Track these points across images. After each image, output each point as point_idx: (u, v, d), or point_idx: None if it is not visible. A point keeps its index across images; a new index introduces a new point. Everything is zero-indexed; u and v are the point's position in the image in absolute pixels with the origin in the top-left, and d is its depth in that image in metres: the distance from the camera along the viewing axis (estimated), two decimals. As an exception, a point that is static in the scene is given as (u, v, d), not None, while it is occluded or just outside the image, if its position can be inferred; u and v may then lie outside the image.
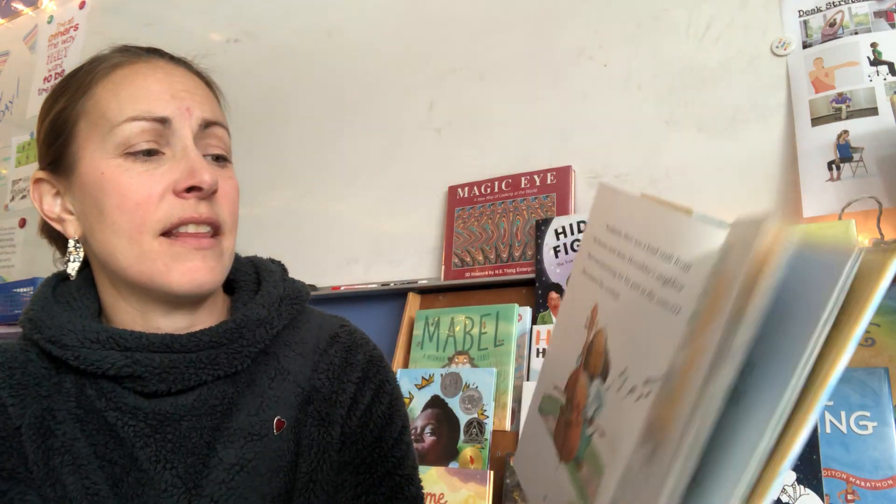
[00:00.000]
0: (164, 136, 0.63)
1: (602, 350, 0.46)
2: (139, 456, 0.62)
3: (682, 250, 0.41)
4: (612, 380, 0.44)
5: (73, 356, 0.61)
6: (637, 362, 0.42)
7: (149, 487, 0.61)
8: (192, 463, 0.63)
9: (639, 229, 0.46)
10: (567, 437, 0.48)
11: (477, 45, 1.47)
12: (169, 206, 0.61)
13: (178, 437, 0.63)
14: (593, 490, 0.42)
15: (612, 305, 0.46)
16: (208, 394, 0.65)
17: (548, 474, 0.50)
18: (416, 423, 1.28)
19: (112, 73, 0.65)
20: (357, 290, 1.52)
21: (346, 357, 0.73)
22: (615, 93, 1.28)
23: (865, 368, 0.88)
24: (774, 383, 0.31)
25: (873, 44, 1.04)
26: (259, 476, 0.64)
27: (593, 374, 0.46)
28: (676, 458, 0.31)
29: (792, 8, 1.13)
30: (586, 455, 0.44)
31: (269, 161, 1.76)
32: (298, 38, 1.78)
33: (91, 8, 2.35)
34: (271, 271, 0.75)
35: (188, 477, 0.62)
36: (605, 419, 0.43)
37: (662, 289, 0.41)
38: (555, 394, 0.51)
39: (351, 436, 0.70)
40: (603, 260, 0.49)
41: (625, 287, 0.45)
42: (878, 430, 0.84)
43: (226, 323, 0.65)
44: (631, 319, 0.44)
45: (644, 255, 0.44)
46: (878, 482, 0.83)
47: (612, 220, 0.49)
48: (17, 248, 2.30)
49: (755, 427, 0.31)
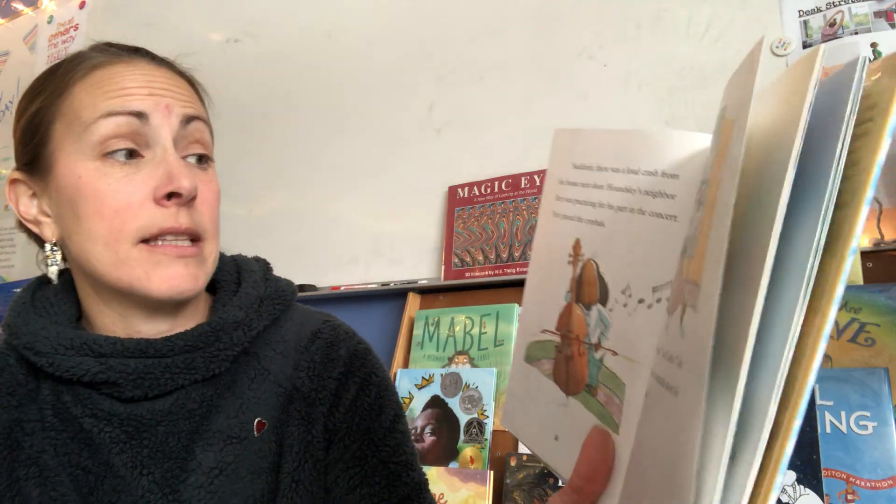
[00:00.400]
0: (142, 136, 0.61)
1: (594, 278, 0.48)
2: (115, 462, 0.61)
3: (663, 163, 0.44)
4: (613, 301, 0.46)
5: (48, 363, 0.61)
6: (639, 276, 0.44)
7: (125, 494, 0.61)
8: (170, 468, 0.62)
9: (612, 157, 0.48)
10: (571, 370, 0.49)
11: (477, 46, 1.47)
12: (149, 215, 0.60)
13: (154, 442, 0.62)
14: (618, 405, 0.43)
15: (598, 234, 0.48)
16: (186, 397, 0.64)
17: (555, 414, 0.50)
18: (416, 423, 1.28)
19: (90, 74, 0.63)
20: (357, 290, 1.52)
21: (328, 353, 0.71)
22: (615, 93, 1.28)
23: (865, 368, 0.88)
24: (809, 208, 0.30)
25: (873, 44, 1.04)
26: (240, 479, 0.63)
27: (589, 303, 0.48)
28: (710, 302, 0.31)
29: (792, 8, 1.13)
30: (600, 378, 0.46)
31: (269, 161, 1.76)
32: (298, 38, 1.78)
33: (91, 8, 2.35)
34: (252, 271, 0.74)
35: (165, 482, 0.61)
36: (615, 338, 0.45)
37: (654, 201, 0.44)
38: (544, 337, 0.52)
39: (337, 432, 0.69)
40: (576, 197, 0.51)
41: (610, 213, 0.47)
42: (878, 430, 0.84)
43: (201, 326, 0.64)
44: (624, 240, 0.46)
45: (624, 178, 0.46)
46: (878, 482, 0.83)
47: (577, 159, 0.51)
48: (17, 248, 2.30)
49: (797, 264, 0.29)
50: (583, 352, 0.48)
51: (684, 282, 0.36)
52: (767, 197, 0.30)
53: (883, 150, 0.28)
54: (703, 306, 0.31)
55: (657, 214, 0.44)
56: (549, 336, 0.52)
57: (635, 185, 0.46)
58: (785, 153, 0.29)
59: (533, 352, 0.53)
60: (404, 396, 1.30)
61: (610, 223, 0.47)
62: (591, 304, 0.48)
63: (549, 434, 0.50)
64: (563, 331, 0.50)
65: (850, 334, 0.92)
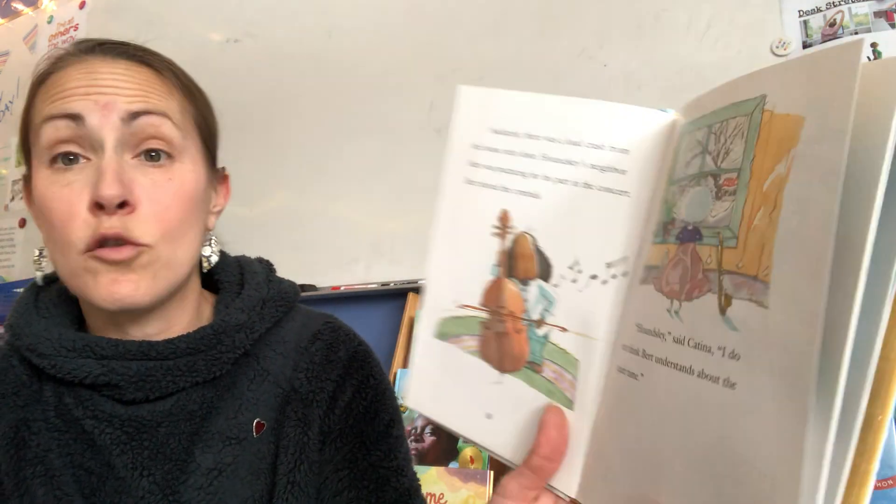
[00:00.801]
0: (84, 139, 0.58)
1: (531, 252, 0.46)
2: (116, 463, 0.61)
3: (611, 137, 0.43)
4: (559, 277, 0.44)
5: (50, 365, 0.61)
6: (589, 251, 0.43)
7: (126, 496, 0.60)
8: (170, 469, 0.62)
9: (547, 125, 0.45)
10: (505, 347, 0.47)
11: (477, 46, 1.47)
12: (84, 225, 0.57)
13: (155, 444, 0.62)
14: (570, 381, 0.43)
15: (532, 207, 0.46)
16: (186, 399, 0.63)
17: (486, 392, 0.48)
18: (416, 422, 1.28)
19: (49, 77, 0.62)
20: (357, 290, 1.52)
21: (327, 355, 0.71)
22: (615, 93, 1.28)
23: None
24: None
25: (873, 44, 1.04)
26: (239, 480, 0.63)
27: (526, 278, 0.46)
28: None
29: (792, 8, 1.13)
30: (545, 355, 0.45)
31: (269, 161, 1.76)
32: (298, 38, 1.78)
33: (91, 8, 2.35)
34: (255, 272, 0.73)
35: (165, 483, 0.61)
36: (563, 315, 0.44)
37: (602, 175, 0.43)
38: (462, 312, 0.49)
39: (330, 434, 0.68)
40: (498, 164, 0.48)
41: (547, 185, 0.45)
42: (879, 430, 0.84)
43: (203, 329, 0.64)
44: (569, 214, 0.44)
45: (565, 149, 0.44)
46: (878, 482, 0.83)
47: (496, 123, 0.48)
48: (17, 248, 2.30)
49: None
50: (520, 328, 0.46)
51: (716, 271, 0.35)
52: (849, 199, 0.29)
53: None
54: (783, 306, 0.31)
55: (606, 189, 0.43)
56: (470, 311, 0.49)
57: (578, 158, 0.44)
58: (873, 159, 0.29)
59: (448, 328, 0.50)
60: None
61: (548, 196, 0.45)
62: (528, 280, 0.46)
63: (479, 412, 0.48)
64: (493, 306, 0.48)
65: (850, 334, 0.92)
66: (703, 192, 0.38)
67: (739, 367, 0.33)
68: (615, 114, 0.44)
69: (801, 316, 0.30)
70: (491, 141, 0.49)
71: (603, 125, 0.44)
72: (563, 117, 0.45)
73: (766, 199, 0.33)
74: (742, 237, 0.34)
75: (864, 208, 0.29)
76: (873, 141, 0.29)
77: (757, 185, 0.34)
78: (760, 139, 0.34)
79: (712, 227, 0.36)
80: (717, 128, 0.39)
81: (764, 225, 0.33)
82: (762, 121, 0.35)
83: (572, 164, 0.44)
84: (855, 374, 0.29)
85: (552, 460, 0.44)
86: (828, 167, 0.30)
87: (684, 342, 0.37)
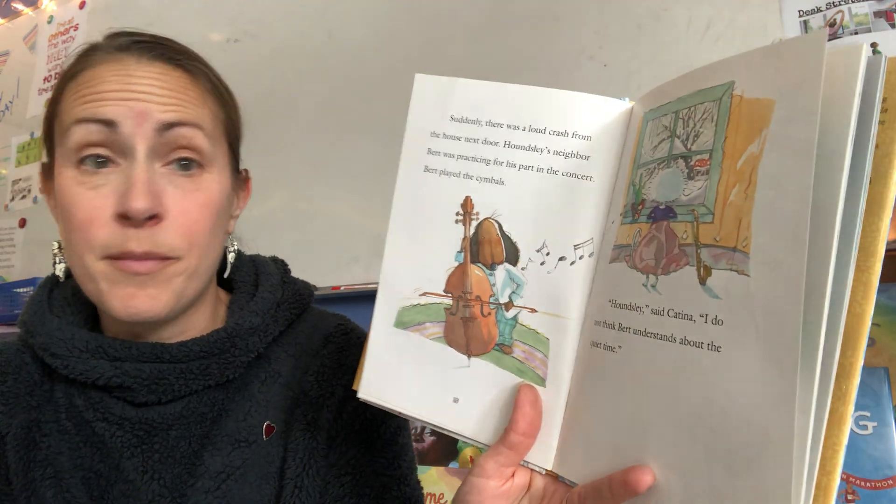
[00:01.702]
0: (116, 143, 0.57)
1: (497, 237, 0.47)
2: (126, 466, 0.61)
3: (573, 124, 0.45)
4: (527, 260, 0.46)
5: (63, 365, 0.60)
6: (556, 234, 0.45)
7: (134, 499, 0.60)
8: (179, 473, 0.61)
9: (509, 113, 0.47)
10: (472, 332, 0.48)
11: (477, 46, 1.47)
12: (112, 233, 0.56)
13: (165, 447, 0.62)
14: (541, 360, 0.45)
15: (496, 193, 0.47)
16: (198, 401, 0.63)
17: (454, 377, 0.49)
18: (416, 423, 1.28)
19: (80, 74, 0.60)
20: (357, 289, 1.52)
21: (339, 359, 0.70)
22: (615, 93, 1.28)
23: (865, 368, 0.87)
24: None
25: (873, 44, 1.04)
26: (248, 483, 0.63)
27: (493, 263, 0.47)
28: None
29: (792, 8, 1.13)
30: (515, 336, 0.47)
31: (269, 161, 1.76)
32: (298, 38, 1.78)
33: (91, 8, 2.35)
34: (270, 274, 0.72)
35: (174, 487, 0.61)
36: (533, 296, 0.46)
37: (566, 162, 0.45)
38: (424, 300, 0.50)
39: (337, 438, 0.68)
40: (458, 152, 0.49)
41: (511, 171, 0.47)
42: (878, 430, 0.84)
43: (217, 332, 0.63)
44: (534, 199, 0.46)
45: (527, 137, 0.46)
46: (878, 482, 0.83)
47: (456, 111, 0.50)
48: (17, 248, 2.30)
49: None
50: (488, 312, 0.47)
51: (692, 245, 0.38)
52: (820, 174, 0.33)
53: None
54: (764, 273, 0.34)
55: (571, 174, 0.45)
56: (432, 299, 0.50)
57: (542, 145, 0.46)
58: (838, 136, 0.33)
59: (409, 316, 0.51)
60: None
61: (512, 182, 0.47)
62: (495, 264, 0.47)
63: (445, 397, 0.49)
64: (458, 292, 0.49)
65: (850, 334, 0.92)
66: (675, 173, 0.41)
67: (723, 331, 0.36)
68: (576, 102, 0.45)
69: (784, 280, 0.33)
70: (450, 128, 0.50)
71: (566, 113, 0.45)
72: (525, 105, 0.47)
73: (740, 176, 0.36)
74: (718, 213, 0.37)
75: (833, 179, 0.33)
76: (838, 119, 0.33)
77: (730, 164, 0.37)
78: (731, 122, 0.38)
79: (686, 205, 0.39)
80: (684, 113, 0.41)
81: (740, 200, 0.36)
82: (732, 105, 0.38)
83: (537, 150, 0.46)
84: (831, 328, 0.33)
85: (528, 436, 0.45)
86: (801, 144, 0.33)
87: (664, 313, 0.39)
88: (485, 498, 0.46)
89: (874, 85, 0.33)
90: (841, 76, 0.33)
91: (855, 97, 0.33)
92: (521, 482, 0.48)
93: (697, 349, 0.37)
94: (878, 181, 0.34)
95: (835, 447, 0.34)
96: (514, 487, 0.47)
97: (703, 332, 0.37)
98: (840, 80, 0.33)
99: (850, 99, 0.33)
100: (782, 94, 0.35)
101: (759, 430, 0.34)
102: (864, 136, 0.33)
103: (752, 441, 0.35)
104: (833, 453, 0.34)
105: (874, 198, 0.34)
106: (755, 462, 0.34)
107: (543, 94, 0.46)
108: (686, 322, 0.38)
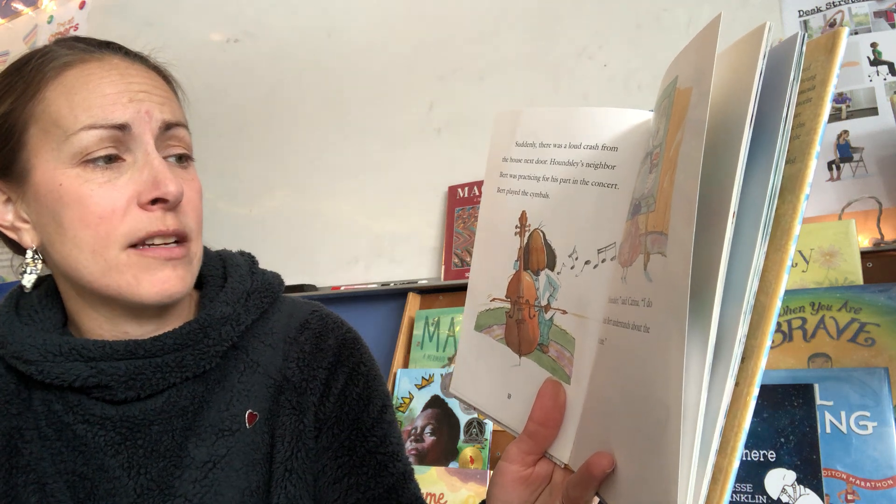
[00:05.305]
0: (123, 142, 0.59)
1: (542, 246, 0.51)
2: (110, 465, 0.61)
3: (603, 137, 0.48)
4: (561, 265, 0.50)
5: (38, 370, 0.60)
6: (584, 240, 0.48)
7: (122, 496, 0.61)
8: (165, 466, 0.62)
9: (555, 133, 0.51)
10: (522, 333, 0.53)
11: (477, 46, 1.47)
12: (135, 220, 0.59)
13: (149, 442, 0.62)
14: (569, 359, 0.48)
15: (543, 206, 0.52)
16: (178, 395, 0.64)
17: (508, 374, 0.54)
18: (416, 423, 1.28)
19: (63, 73, 0.60)
20: (357, 290, 1.52)
21: (317, 343, 0.71)
22: (615, 93, 1.28)
23: (865, 368, 0.88)
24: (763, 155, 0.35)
25: (873, 44, 1.04)
26: (234, 471, 0.64)
27: (538, 269, 0.52)
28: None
29: (792, 8, 1.13)
30: (551, 336, 0.50)
31: (269, 161, 1.76)
32: (298, 38, 1.78)
33: (91, 8, 2.35)
34: (237, 265, 0.73)
35: (161, 480, 0.62)
36: (564, 298, 0.49)
37: (595, 172, 0.48)
38: (493, 305, 0.55)
39: (326, 421, 0.69)
40: (520, 172, 0.54)
41: (553, 185, 0.51)
42: (878, 430, 0.84)
43: (190, 324, 0.64)
44: (569, 208, 0.50)
45: (567, 153, 0.50)
46: (878, 482, 0.83)
47: (520, 137, 0.54)
48: (17, 248, 2.30)
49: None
50: (533, 314, 0.52)
51: (644, 234, 0.40)
52: (725, 154, 0.34)
53: (825, 113, 0.33)
54: (674, 251, 0.36)
55: (599, 184, 0.48)
56: (499, 304, 0.55)
57: (577, 159, 0.49)
58: (740, 116, 0.34)
59: (483, 320, 0.56)
60: (404, 396, 1.31)
61: (554, 194, 0.51)
62: (539, 270, 0.51)
63: (503, 393, 0.54)
64: (514, 297, 0.53)
65: (850, 334, 0.92)
66: (646, 169, 0.43)
67: (651, 312, 0.37)
68: (608, 116, 0.49)
69: (681, 256, 0.34)
70: (515, 153, 0.55)
71: (598, 127, 0.49)
72: (568, 124, 0.51)
73: (670, 164, 0.38)
74: (658, 201, 0.39)
75: (730, 165, 0.34)
76: (740, 101, 0.34)
77: (668, 154, 0.39)
78: (672, 114, 0.39)
79: (646, 198, 0.41)
80: (657, 111, 0.44)
81: (668, 186, 0.37)
82: (674, 98, 0.40)
83: (573, 164, 0.50)
84: (732, 308, 0.33)
85: (545, 426, 0.48)
86: (697, 125, 0.34)
87: (627, 302, 0.41)
88: (506, 480, 0.50)
89: (788, 64, 0.33)
90: (746, 59, 0.34)
91: (755, 76, 0.33)
92: (543, 472, 0.51)
93: (636, 332, 0.39)
94: (800, 160, 0.34)
95: (736, 428, 0.33)
96: (534, 475, 0.50)
97: (641, 315, 0.39)
98: (745, 63, 0.34)
99: (751, 80, 0.33)
100: (695, 81, 0.36)
101: (664, 409, 0.35)
102: (775, 114, 0.33)
103: (660, 419, 0.35)
104: (734, 434, 0.33)
105: (793, 175, 0.34)
106: (659, 442, 0.35)
107: (583, 113, 0.50)
108: (634, 308, 0.40)
